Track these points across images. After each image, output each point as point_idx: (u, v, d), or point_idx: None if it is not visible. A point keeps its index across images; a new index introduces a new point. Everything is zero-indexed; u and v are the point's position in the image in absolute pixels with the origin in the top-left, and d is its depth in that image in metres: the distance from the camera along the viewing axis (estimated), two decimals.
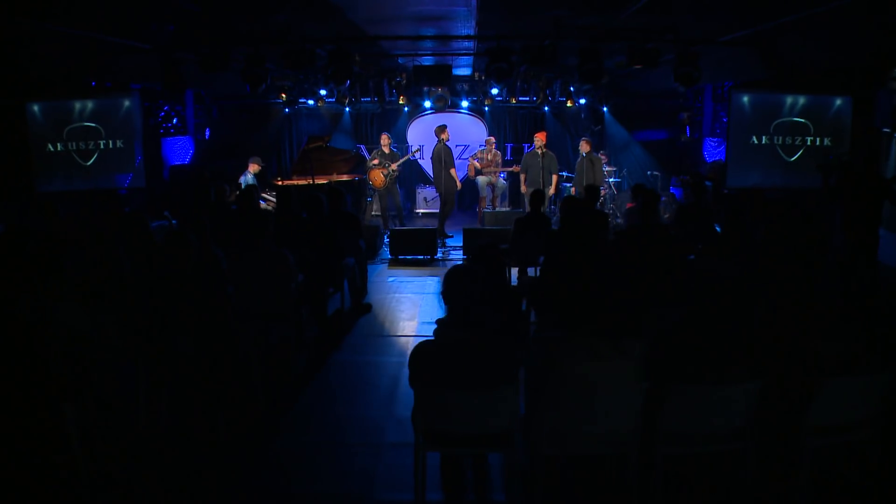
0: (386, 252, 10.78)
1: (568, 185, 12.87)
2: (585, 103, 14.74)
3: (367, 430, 4.75)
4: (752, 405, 3.39)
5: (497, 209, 13.20)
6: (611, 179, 13.14)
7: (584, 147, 11.61)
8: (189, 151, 14.03)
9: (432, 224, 12.76)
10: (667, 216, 12.67)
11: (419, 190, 14.80)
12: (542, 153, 11.21)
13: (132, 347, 4.24)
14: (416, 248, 10.48)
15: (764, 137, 10.23)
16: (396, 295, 8.49)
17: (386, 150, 12.30)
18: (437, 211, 14.52)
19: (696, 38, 8.34)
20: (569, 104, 14.09)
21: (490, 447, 3.56)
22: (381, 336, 6.82)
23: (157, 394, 4.44)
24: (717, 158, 13.47)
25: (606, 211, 11.71)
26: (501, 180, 13.14)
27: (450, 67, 11.29)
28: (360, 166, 12.84)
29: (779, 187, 10.09)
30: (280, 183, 11.68)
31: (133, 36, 8.42)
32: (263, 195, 10.93)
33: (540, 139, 11.39)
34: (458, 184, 12.18)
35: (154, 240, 5.60)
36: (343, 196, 7.25)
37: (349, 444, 4.54)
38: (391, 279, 9.36)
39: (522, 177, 11.68)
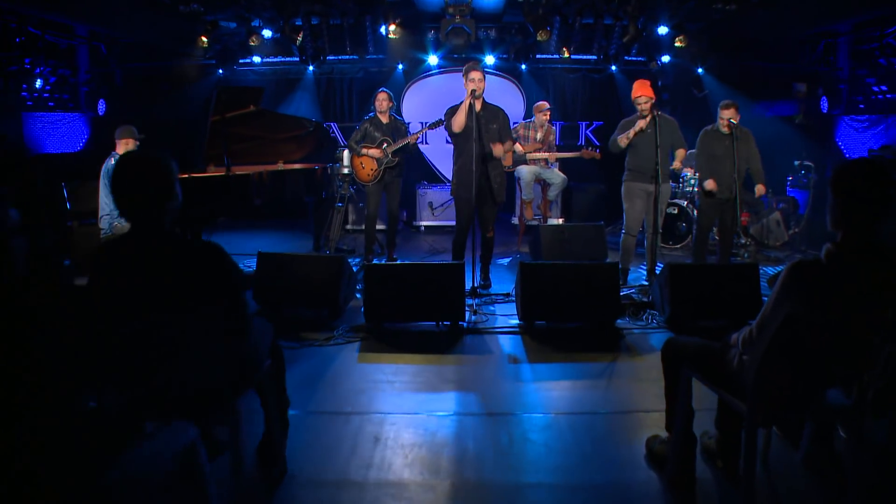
0: (355, 314, 5.32)
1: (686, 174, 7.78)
2: (670, 62, 9.67)
3: None
4: None
5: (551, 220, 8.13)
6: None
7: (728, 116, 6.01)
8: (83, 136, 9.49)
9: (443, 245, 7.66)
10: (795, 231, 8.28)
11: (421, 191, 9.45)
12: (657, 117, 5.84)
13: None
14: (422, 306, 4.87)
15: None
16: (411, 473, 2.94)
17: (384, 119, 6.83)
18: (453, 224, 9.29)
19: None
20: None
21: None
22: None
23: None
24: (885, 144, 8.23)
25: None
26: (558, 173, 7.88)
27: None
28: (321, 148, 7.58)
29: None
30: (185, 176, 6.26)
31: None
32: None
33: (646, 91, 5.94)
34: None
35: None
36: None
37: None
38: (376, 415, 3.59)
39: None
